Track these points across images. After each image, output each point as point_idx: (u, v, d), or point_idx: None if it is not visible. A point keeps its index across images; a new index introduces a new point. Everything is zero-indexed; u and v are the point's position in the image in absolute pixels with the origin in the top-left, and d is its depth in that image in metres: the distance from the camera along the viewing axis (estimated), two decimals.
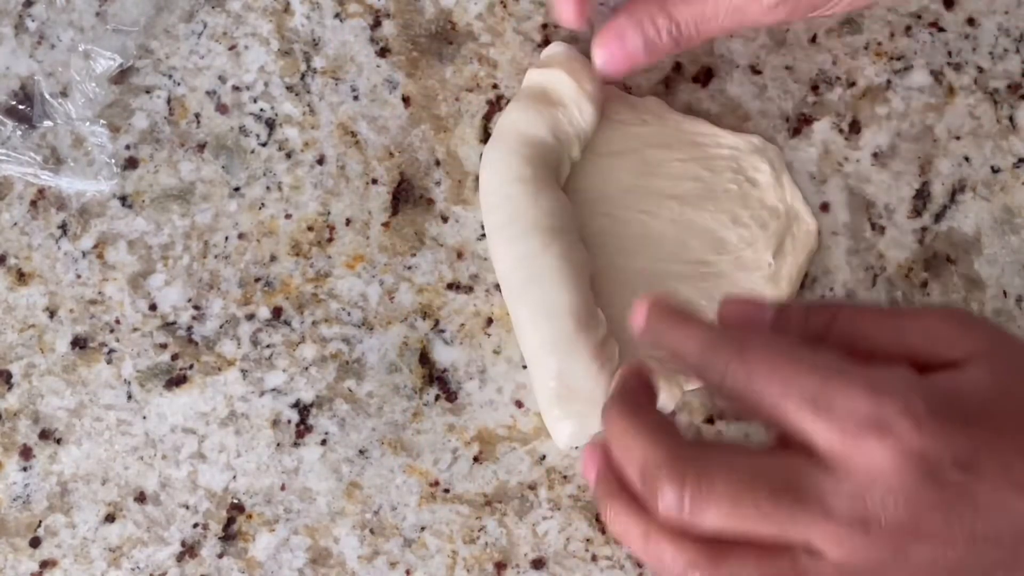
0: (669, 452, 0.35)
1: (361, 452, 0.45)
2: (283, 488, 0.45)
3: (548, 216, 0.44)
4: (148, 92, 0.48)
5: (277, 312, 0.46)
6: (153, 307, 0.46)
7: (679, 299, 0.43)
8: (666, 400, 0.44)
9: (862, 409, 0.34)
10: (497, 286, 0.46)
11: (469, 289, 0.46)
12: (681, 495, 0.35)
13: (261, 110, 0.48)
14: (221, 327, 0.46)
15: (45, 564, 0.44)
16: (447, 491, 0.45)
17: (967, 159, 0.48)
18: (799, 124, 0.48)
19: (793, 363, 0.35)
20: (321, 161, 0.48)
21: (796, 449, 0.35)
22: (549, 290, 0.43)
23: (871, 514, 0.34)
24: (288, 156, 0.48)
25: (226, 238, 0.47)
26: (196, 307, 0.46)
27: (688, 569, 0.35)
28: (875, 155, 0.48)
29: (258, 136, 0.48)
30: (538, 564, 0.44)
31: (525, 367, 0.46)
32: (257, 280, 0.47)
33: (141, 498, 0.45)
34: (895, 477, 0.34)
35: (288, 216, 0.47)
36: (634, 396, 0.38)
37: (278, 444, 0.45)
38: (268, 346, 0.46)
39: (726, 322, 0.38)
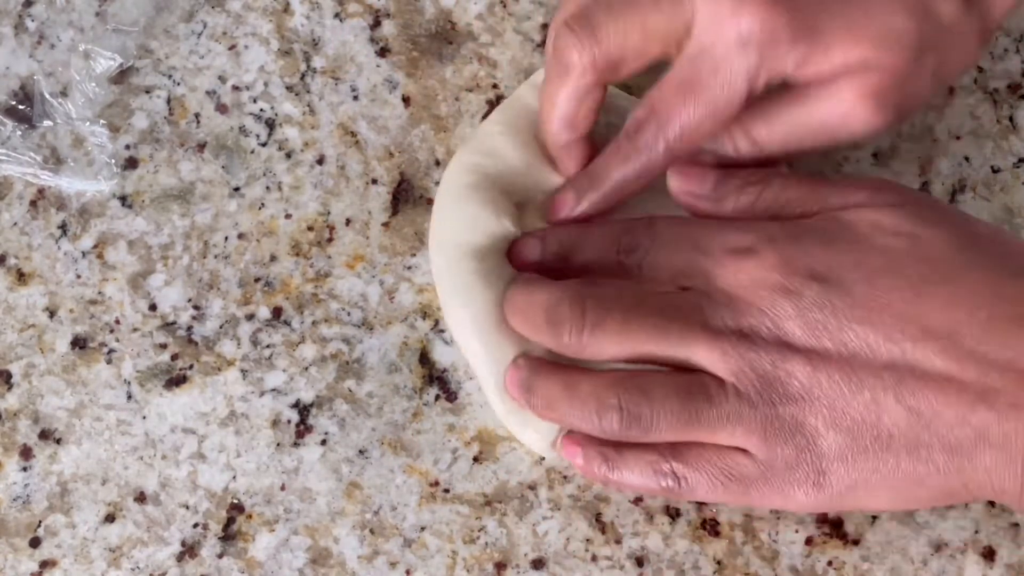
0: (569, 285, 0.41)
1: (361, 452, 0.45)
2: (283, 488, 0.45)
3: (483, 236, 0.44)
4: (148, 92, 0.48)
5: (277, 312, 0.46)
6: (153, 307, 0.46)
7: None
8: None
9: (731, 241, 0.40)
10: None
11: None
12: (581, 325, 0.40)
13: (261, 110, 0.48)
14: (221, 327, 0.46)
15: (45, 564, 0.44)
16: (447, 491, 0.45)
17: (967, 159, 0.48)
18: None
19: (686, 223, 0.42)
20: (321, 161, 0.48)
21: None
22: (470, 297, 0.43)
23: (744, 327, 0.38)
24: (288, 156, 0.48)
25: (226, 238, 0.47)
26: (196, 307, 0.46)
27: (658, 477, 0.41)
28: (875, 155, 0.48)
29: (258, 136, 0.48)
30: (538, 564, 0.44)
31: None
32: (257, 280, 0.47)
33: (141, 498, 0.45)
34: (758, 292, 0.38)
35: (288, 216, 0.47)
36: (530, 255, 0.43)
37: (278, 444, 0.45)
38: (268, 346, 0.46)
39: (673, 190, 0.43)
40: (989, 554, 0.44)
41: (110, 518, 0.45)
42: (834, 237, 0.39)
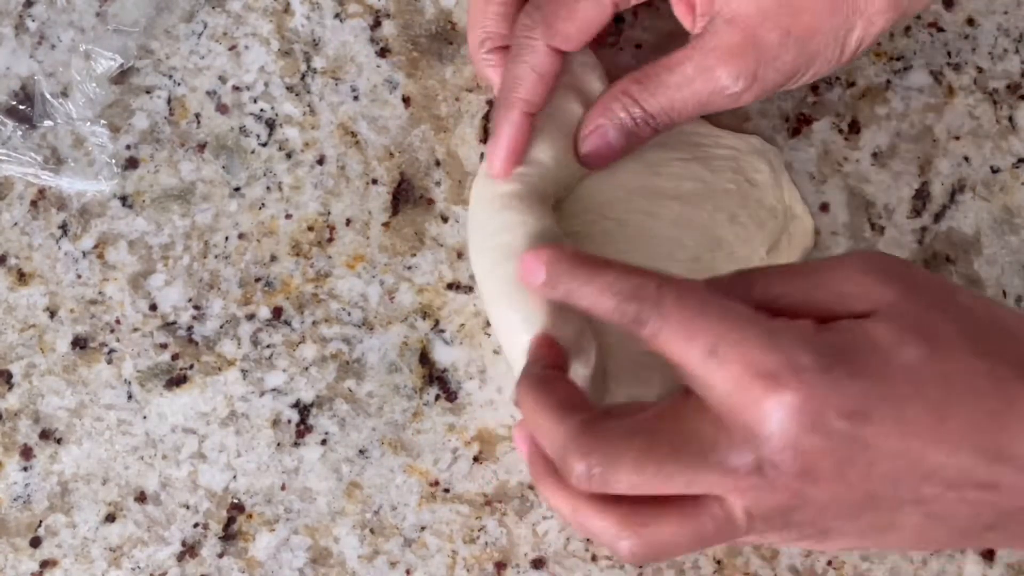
0: (574, 429, 0.37)
1: (361, 452, 0.45)
2: (283, 488, 0.45)
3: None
4: (148, 92, 0.48)
5: (277, 312, 0.46)
6: (153, 307, 0.46)
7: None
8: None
9: (754, 361, 0.36)
10: None
11: (469, 289, 0.47)
12: (589, 470, 0.37)
13: (261, 110, 0.48)
14: (221, 327, 0.46)
15: (45, 564, 0.44)
16: (447, 491, 0.45)
17: (967, 159, 0.48)
18: (799, 124, 0.48)
19: (701, 313, 0.37)
20: (321, 161, 0.48)
21: (696, 401, 0.37)
22: (521, 299, 0.42)
23: (765, 464, 0.36)
24: (288, 156, 0.48)
25: (226, 238, 0.47)
26: (196, 307, 0.46)
27: (615, 540, 0.37)
28: (875, 155, 0.48)
29: (258, 136, 0.48)
30: (538, 564, 0.44)
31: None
32: (257, 280, 0.47)
33: (141, 498, 0.45)
34: (783, 428, 0.36)
35: (288, 216, 0.47)
36: (542, 370, 0.41)
37: (278, 444, 0.45)
38: (268, 346, 0.46)
39: None
40: (989, 554, 0.44)
41: (110, 518, 0.45)
42: (859, 364, 0.37)
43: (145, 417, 0.45)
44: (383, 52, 0.49)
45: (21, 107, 0.48)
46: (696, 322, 0.37)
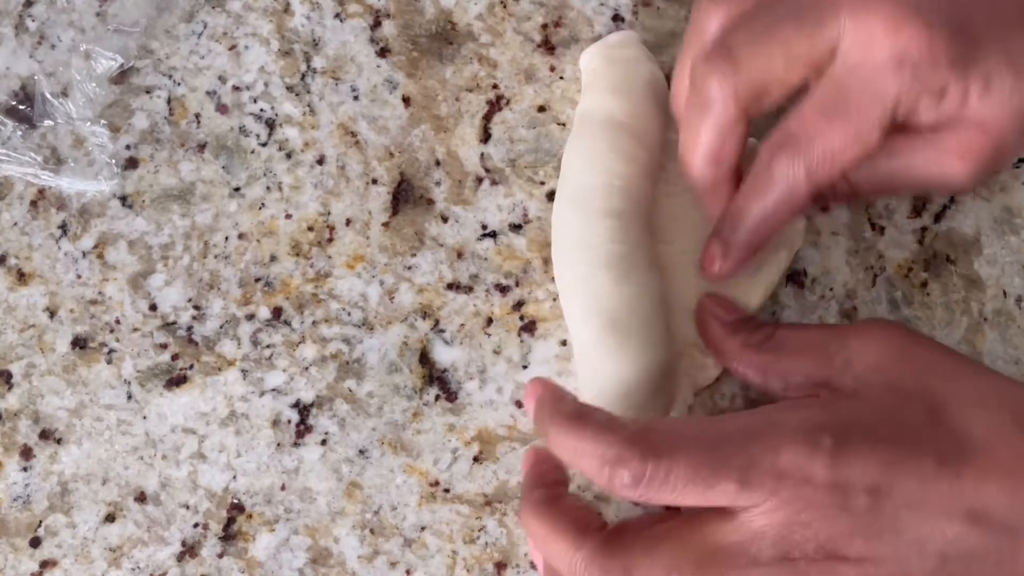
0: (592, 552, 0.37)
1: (361, 452, 0.45)
2: (283, 488, 0.45)
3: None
4: (148, 92, 0.48)
5: (277, 312, 0.46)
6: (153, 307, 0.46)
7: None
8: (679, 409, 0.44)
9: (778, 464, 0.36)
10: (497, 286, 0.46)
11: (469, 289, 0.47)
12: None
13: (261, 110, 0.48)
14: (221, 327, 0.46)
15: (45, 564, 0.44)
16: (447, 491, 0.45)
17: None
18: None
19: (709, 449, 0.36)
20: (321, 161, 0.48)
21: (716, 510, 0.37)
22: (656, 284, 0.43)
23: (794, 552, 0.36)
24: (288, 156, 0.48)
25: (226, 238, 0.47)
26: (196, 307, 0.46)
27: None
28: None
29: (258, 136, 0.48)
30: None
31: (526, 367, 0.46)
32: (257, 280, 0.47)
33: (141, 498, 0.45)
34: (807, 515, 0.36)
35: (288, 216, 0.47)
36: (544, 491, 0.40)
37: (278, 444, 0.45)
38: (268, 346, 0.46)
39: (700, 313, 0.43)
40: None
41: (110, 518, 0.45)
42: (877, 429, 0.37)
43: (145, 417, 0.45)
44: (383, 52, 0.49)
45: (21, 107, 0.48)
46: (706, 458, 0.36)
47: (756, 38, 0.39)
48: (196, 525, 0.45)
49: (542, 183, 0.47)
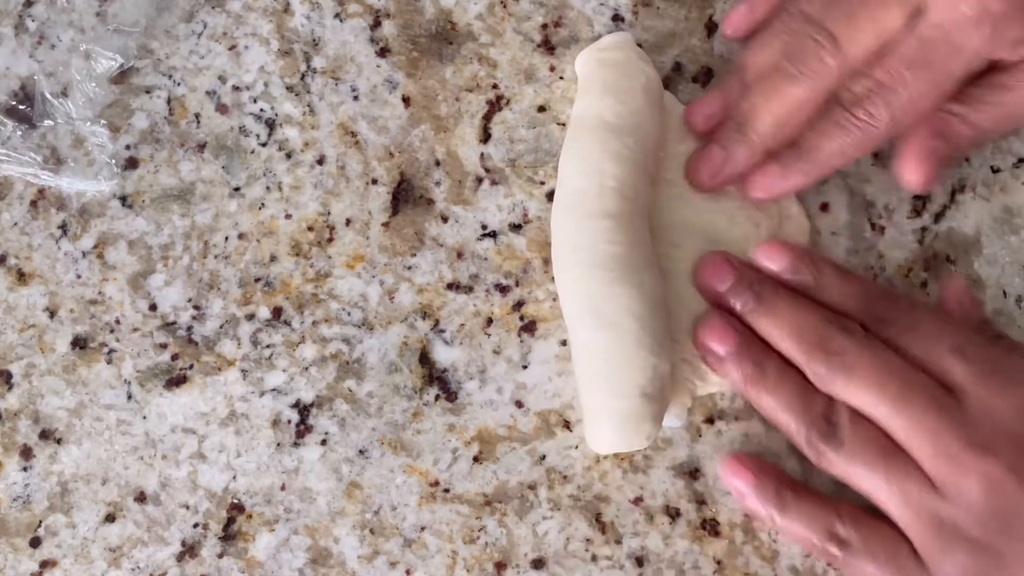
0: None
1: (361, 452, 0.45)
2: (283, 488, 0.45)
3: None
4: (148, 92, 0.48)
5: (277, 312, 0.46)
6: (153, 307, 0.46)
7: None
8: (676, 413, 0.44)
9: (995, 361, 0.41)
10: (497, 286, 0.46)
11: (469, 289, 0.47)
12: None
13: (261, 110, 0.48)
14: (221, 327, 0.46)
15: (45, 564, 0.44)
16: (447, 491, 0.45)
17: (967, 159, 0.48)
18: None
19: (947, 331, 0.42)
20: (321, 161, 0.48)
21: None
22: (657, 283, 0.44)
23: (975, 446, 0.39)
24: (288, 156, 0.48)
25: (226, 238, 0.47)
26: (196, 307, 0.46)
27: (826, 541, 0.42)
28: (875, 155, 0.48)
29: (258, 136, 0.48)
30: (538, 564, 0.44)
31: (526, 367, 0.46)
32: (257, 280, 0.47)
33: (141, 498, 0.45)
34: (1007, 425, 0.40)
35: (288, 216, 0.47)
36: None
37: (278, 444, 0.45)
38: (268, 346, 0.46)
39: (767, 265, 0.44)
40: None
41: (110, 518, 0.45)
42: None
43: (145, 417, 0.45)
44: (383, 52, 0.49)
45: (21, 107, 0.48)
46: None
47: (852, 16, 0.43)
48: (196, 525, 0.45)
49: (542, 183, 0.47)
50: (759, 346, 0.43)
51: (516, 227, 0.47)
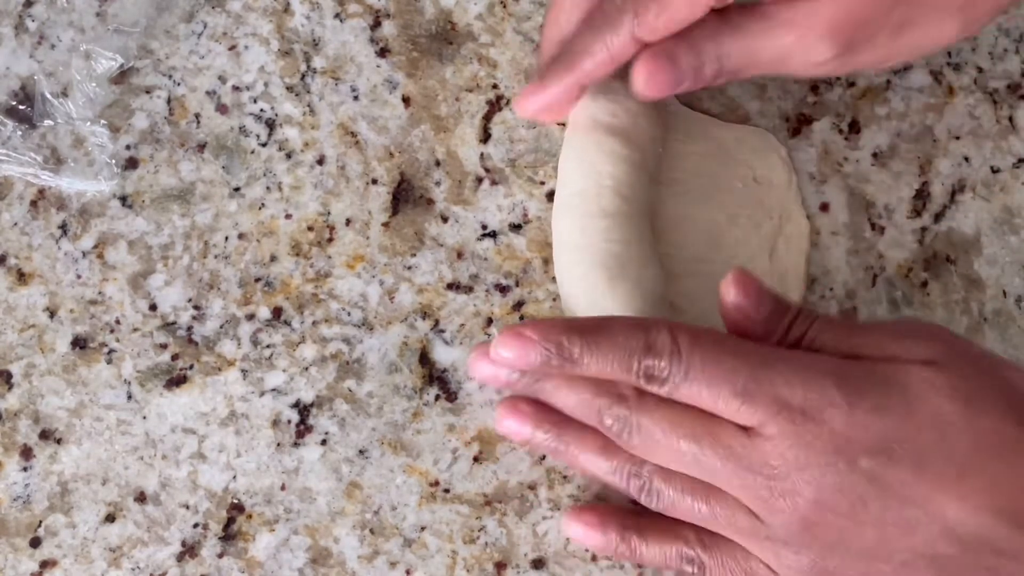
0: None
1: (361, 452, 0.45)
2: (283, 488, 0.45)
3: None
4: (148, 92, 0.48)
5: (277, 312, 0.46)
6: (153, 307, 0.46)
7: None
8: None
9: (782, 392, 0.37)
10: (497, 286, 0.46)
11: (469, 289, 0.47)
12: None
13: (261, 110, 0.48)
14: (221, 327, 0.46)
15: (45, 564, 0.44)
16: (447, 491, 0.45)
17: (967, 159, 0.48)
18: (799, 124, 0.48)
19: (726, 354, 0.38)
20: (321, 161, 0.48)
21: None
22: (649, 276, 0.43)
23: (782, 491, 0.37)
24: (288, 156, 0.48)
25: (226, 238, 0.47)
26: (196, 307, 0.46)
27: (682, 562, 0.41)
28: (875, 155, 0.48)
29: (258, 136, 0.48)
30: (538, 564, 0.44)
31: None
32: (257, 280, 0.47)
33: (141, 498, 0.45)
34: (807, 458, 0.37)
35: (288, 216, 0.47)
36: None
37: (278, 444, 0.45)
38: (268, 346, 0.46)
39: (727, 302, 0.41)
40: None
41: (110, 518, 0.45)
42: (888, 405, 0.37)
43: (145, 417, 0.45)
44: (383, 52, 0.49)
45: (21, 107, 0.48)
46: (720, 365, 0.38)
47: None
48: (196, 525, 0.45)
49: (542, 183, 0.47)
50: (554, 418, 0.43)
51: (516, 227, 0.47)
